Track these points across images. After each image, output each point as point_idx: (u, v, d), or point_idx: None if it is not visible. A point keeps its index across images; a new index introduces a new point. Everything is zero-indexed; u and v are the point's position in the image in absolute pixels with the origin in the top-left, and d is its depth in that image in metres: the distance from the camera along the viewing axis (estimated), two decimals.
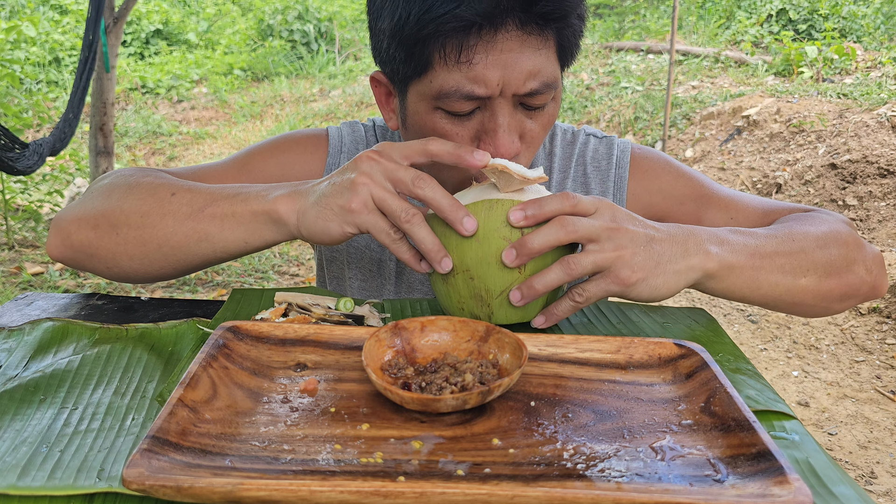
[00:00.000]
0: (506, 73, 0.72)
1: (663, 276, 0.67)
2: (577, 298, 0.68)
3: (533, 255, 0.65)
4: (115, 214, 0.77)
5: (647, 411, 0.57)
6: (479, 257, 0.66)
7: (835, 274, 0.78)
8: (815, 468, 0.53)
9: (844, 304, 0.82)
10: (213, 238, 0.73)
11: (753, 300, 0.76)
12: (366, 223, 0.66)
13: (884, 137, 3.99)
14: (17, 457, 0.50)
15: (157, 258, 0.76)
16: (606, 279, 0.66)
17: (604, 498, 0.44)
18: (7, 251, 3.77)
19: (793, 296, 0.76)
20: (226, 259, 0.77)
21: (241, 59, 8.11)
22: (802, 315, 0.83)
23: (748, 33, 6.58)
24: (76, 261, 0.81)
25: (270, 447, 0.50)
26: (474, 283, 0.68)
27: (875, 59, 5.38)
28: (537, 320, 0.70)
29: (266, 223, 0.71)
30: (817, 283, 0.77)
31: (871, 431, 2.33)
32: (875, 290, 0.83)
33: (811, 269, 0.76)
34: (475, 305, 0.69)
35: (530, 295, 0.66)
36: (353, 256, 0.97)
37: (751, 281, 0.73)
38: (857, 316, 3.02)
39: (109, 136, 3.93)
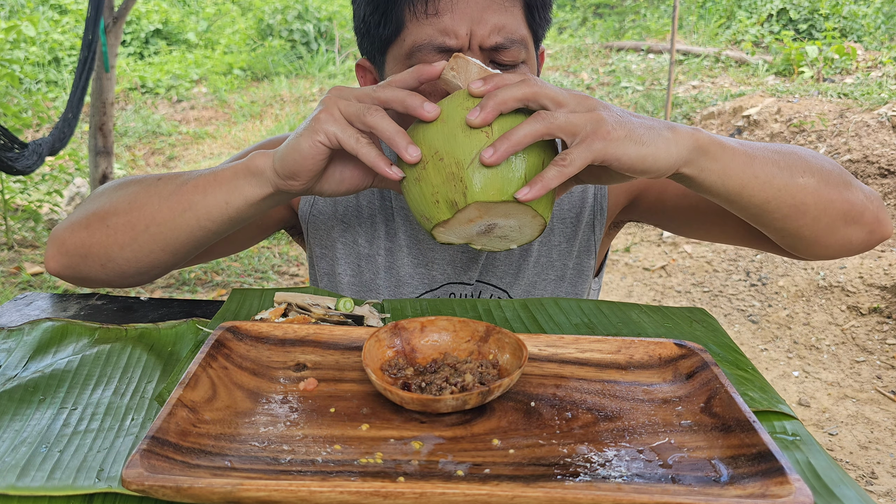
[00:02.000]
0: (473, 26, 0.76)
1: (649, 136, 0.63)
2: (562, 163, 0.62)
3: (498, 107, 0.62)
4: (104, 209, 0.78)
5: (648, 412, 0.56)
6: (444, 134, 0.64)
7: (834, 186, 0.73)
8: (815, 468, 0.53)
9: (850, 229, 0.75)
10: (196, 206, 0.73)
11: (752, 192, 0.70)
12: (332, 128, 0.66)
13: (884, 137, 3.98)
14: (16, 457, 0.50)
15: (146, 240, 0.75)
16: (587, 139, 0.61)
17: (604, 498, 0.44)
18: (6, 251, 3.77)
19: (793, 195, 0.71)
20: (213, 231, 0.75)
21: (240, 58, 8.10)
22: (803, 238, 0.75)
23: (749, 33, 6.58)
24: (72, 266, 0.80)
25: (270, 447, 0.50)
26: (444, 163, 0.64)
27: (876, 58, 5.38)
28: (522, 191, 0.63)
29: (245, 178, 0.72)
30: (817, 187, 0.72)
31: (871, 432, 2.32)
32: (880, 222, 0.77)
33: (808, 171, 0.72)
34: (449, 189, 0.64)
35: (503, 147, 0.61)
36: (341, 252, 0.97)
37: (746, 165, 0.68)
38: (858, 316, 3.02)
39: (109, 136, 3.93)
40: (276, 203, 0.74)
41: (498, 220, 0.65)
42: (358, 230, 0.95)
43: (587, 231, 0.94)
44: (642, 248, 3.84)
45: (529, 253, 0.93)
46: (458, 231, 0.66)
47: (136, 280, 0.81)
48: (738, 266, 3.51)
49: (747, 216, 0.74)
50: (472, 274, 0.93)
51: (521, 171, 0.64)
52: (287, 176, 0.69)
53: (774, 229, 0.75)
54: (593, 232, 0.94)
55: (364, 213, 0.95)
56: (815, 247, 0.77)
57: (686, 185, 0.70)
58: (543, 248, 0.94)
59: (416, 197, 0.67)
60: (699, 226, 0.91)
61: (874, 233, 0.78)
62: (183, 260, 0.80)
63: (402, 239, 0.94)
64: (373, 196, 0.95)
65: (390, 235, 0.94)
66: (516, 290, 0.94)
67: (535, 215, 0.64)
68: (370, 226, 0.95)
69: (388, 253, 0.95)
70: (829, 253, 0.78)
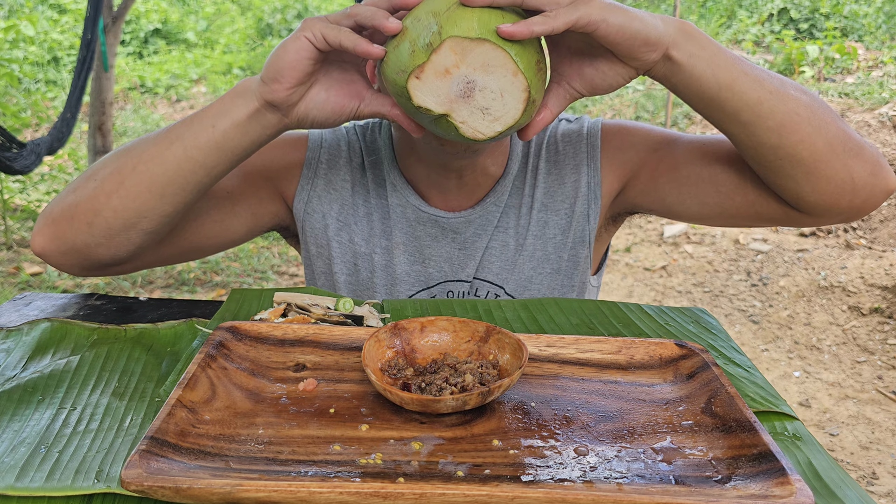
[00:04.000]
0: None
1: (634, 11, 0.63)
2: (548, 14, 0.61)
3: None
4: (92, 169, 0.78)
5: (648, 412, 0.56)
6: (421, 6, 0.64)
7: (827, 111, 0.70)
8: (816, 469, 0.53)
9: (851, 160, 0.70)
10: (183, 135, 0.73)
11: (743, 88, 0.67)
12: (316, 25, 0.67)
13: (885, 137, 3.98)
14: (15, 457, 0.50)
15: (134, 182, 0.74)
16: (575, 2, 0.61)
17: (604, 499, 0.43)
18: (5, 251, 3.77)
19: (785, 101, 0.68)
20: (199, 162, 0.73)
21: (240, 58, 8.10)
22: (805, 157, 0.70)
23: (749, 32, 6.58)
24: (58, 237, 0.76)
25: (269, 448, 0.50)
26: (421, 21, 0.62)
27: (876, 58, 5.37)
28: (505, 26, 0.60)
29: (231, 99, 0.72)
30: (809, 104, 0.69)
31: (872, 432, 2.32)
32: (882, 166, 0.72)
33: (799, 90, 0.70)
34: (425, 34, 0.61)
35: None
36: (336, 251, 0.97)
37: (735, 61, 0.67)
38: (859, 316, 3.02)
39: (108, 136, 3.93)
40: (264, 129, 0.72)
41: (478, 75, 0.61)
42: (353, 228, 0.95)
43: (581, 221, 0.94)
44: (643, 248, 3.84)
45: (524, 247, 0.93)
46: (435, 88, 0.62)
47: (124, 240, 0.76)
48: (738, 266, 3.51)
49: (739, 124, 0.70)
50: (469, 271, 0.93)
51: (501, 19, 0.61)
52: (272, 78, 0.68)
53: (769, 147, 0.70)
54: (588, 221, 0.94)
55: (360, 211, 0.95)
56: (815, 179, 0.71)
57: (675, 79, 0.68)
58: (539, 241, 0.94)
59: (393, 61, 0.64)
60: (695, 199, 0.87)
61: (877, 175, 0.72)
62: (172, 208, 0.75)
63: (398, 237, 0.94)
64: (368, 193, 0.95)
65: (386, 233, 0.94)
66: (512, 286, 0.94)
67: (516, 72, 0.61)
68: (366, 224, 0.95)
69: (384, 251, 0.95)
70: (831, 188, 0.71)
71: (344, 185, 0.95)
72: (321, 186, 0.95)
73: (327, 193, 0.95)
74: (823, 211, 0.75)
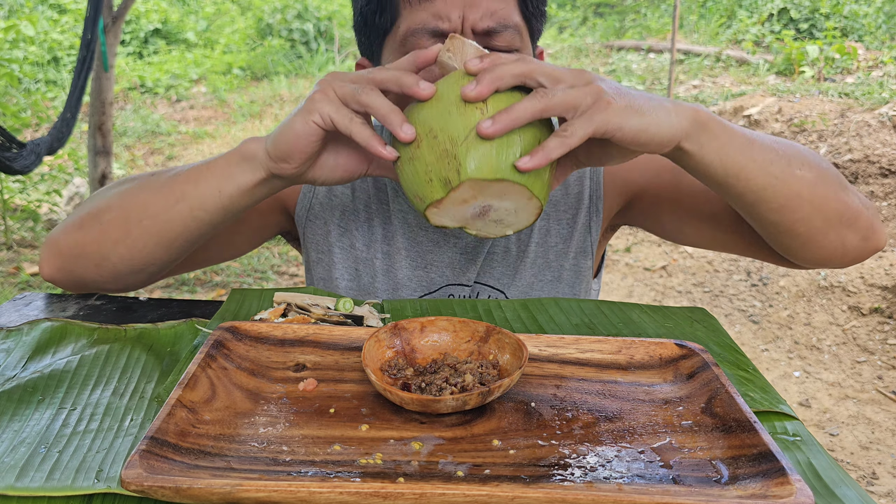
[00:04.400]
0: (466, 10, 0.78)
1: (650, 106, 0.62)
2: (564, 134, 0.61)
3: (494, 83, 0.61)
4: (98, 207, 0.78)
5: (648, 412, 0.56)
6: (438, 111, 0.62)
7: (830, 185, 0.72)
8: (816, 469, 0.53)
9: (844, 231, 0.74)
10: (189, 195, 0.73)
11: (748, 175, 0.68)
12: (326, 108, 0.65)
13: (885, 137, 3.98)
14: (15, 457, 0.50)
15: (140, 234, 0.75)
16: (589, 111, 0.60)
17: (604, 499, 0.43)
18: (5, 251, 3.77)
19: (788, 185, 0.69)
20: (205, 222, 0.74)
21: (240, 58, 8.10)
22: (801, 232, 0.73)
23: (749, 32, 6.58)
24: (66, 269, 0.80)
25: (269, 448, 0.50)
26: (438, 140, 0.62)
27: (876, 58, 5.37)
28: (522, 160, 0.61)
29: (237, 164, 0.71)
30: (814, 182, 0.71)
31: (872, 432, 2.32)
32: (874, 230, 0.77)
33: (806, 166, 0.71)
34: (442, 167, 0.62)
35: (503, 121, 0.59)
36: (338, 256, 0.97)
37: (745, 147, 0.67)
38: (859, 316, 3.02)
39: (108, 136, 3.93)
40: (270, 191, 0.73)
41: (493, 201, 0.63)
42: (355, 234, 0.95)
43: (583, 232, 0.94)
44: (643, 248, 3.84)
45: (527, 254, 0.93)
46: (452, 213, 0.64)
47: (131, 280, 0.80)
48: (738, 266, 3.51)
49: (743, 204, 0.72)
50: (469, 275, 0.93)
51: (518, 148, 0.61)
52: (279, 158, 0.68)
53: (769, 223, 0.73)
54: (589, 233, 0.94)
55: (361, 217, 0.95)
56: (809, 247, 0.76)
57: (684, 165, 0.69)
58: (540, 248, 0.94)
59: (409, 177, 0.65)
60: (694, 230, 0.90)
61: (868, 239, 0.77)
62: (178, 256, 0.79)
63: (399, 242, 0.94)
64: (370, 199, 0.95)
65: (388, 238, 0.94)
66: (513, 292, 0.94)
67: (530, 197, 0.63)
68: (367, 229, 0.95)
69: (385, 256, 0.95)
70: (823, 255, 0.77)
71: (345, 191, 0.95)
72: (322, 193, 0.95)
73: (328, 200, 0.95)
74: (813, 266, 0.81)
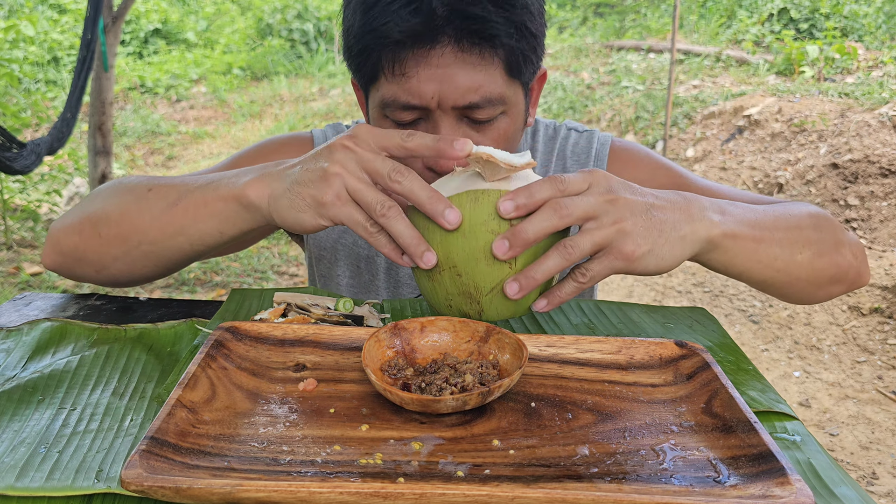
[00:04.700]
0: (442, 87, 0.74)
1: (668, 244, 0.63)
2: (581, 279, 0.63)
3: (527, 246, 0.61)
4: (96, 215, 0.77)
5: (648, 412, 0.56)
6: (465, 253, 0.62)
7: (826, 254, 0.77)
8: (816, 469, 0.53)
9: (833, 288, 0.81)
10: (188, 231, 0.70)
11: (752, 275, 0.73)
12: (339, 216, 0.62)
13: (885, 137, 3.98)
14: (15, 457, 0.50)
15: (138, 256, 0.75)
16: (610, 256, 0.62)
17: (604, 499, 0.43)
18: (5, 251, 3.77)
19: (789, 273, 0.74)
20: (207, 253, 0.74)
21: (240, 58, 8.10)
22: (790, 299, 0.81)
23: (749, 32, 6.57)
24: (66, 267, 0.80)
25: (269, 448, 0.50)
26: (462, 280, 0.63)
27: (876, 58, 5.37)
28: (538, 303, 0.65)
29: (237, 210, 0.68)
30: (811, 262, 0.75)
31: (872, 432, 2.32)
32: (860, 276, 0.83)
33: (806, 245, 0.75)
34: (464, 303, 0.65)
35: (528, 286, 0.61)
36: (341, 254, 0.97)
37: (752, 253, 0.70)
38: (859, 316, 3.02)
39: (108, 136, 3.93)
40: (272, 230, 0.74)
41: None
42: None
43: None
44: None
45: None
46: None
47: (131, 285, 0.82)
48: None
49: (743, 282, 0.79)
50: None
51: (535, 293, 0.65)
52: (284, 227, 0.67)
53: (766, 290, 0.79)
54: None
55: None
56: (800, 302, 0.84)
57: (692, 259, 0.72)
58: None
59: (427, 289, 0.67)
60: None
61: (853, 285, 0.84)
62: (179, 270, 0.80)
63: None
64: None
65: None
66: None
67: None
68: None
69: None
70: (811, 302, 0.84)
71: None
72: None
73: None
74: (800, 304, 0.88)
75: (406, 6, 0.72)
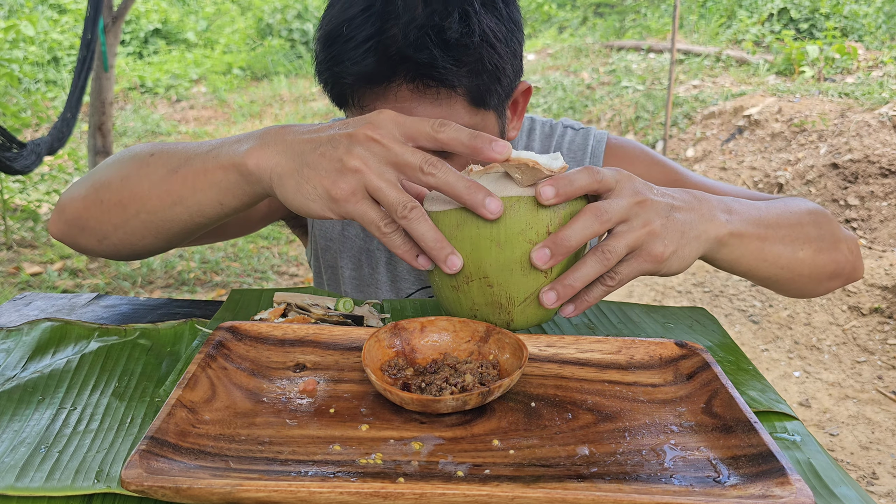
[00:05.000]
0: None
1: (688, 245, 0.64)
2: (610, 283, 0.63)
3: (569, 253, 0.59)
4: (99, 182, 0.75)
5: (648, 412, 0.56)
6: (500, 263, 0.60)
7: (826, 250, 0.79)
8: (816, 469, 0.53)
9: (832, 283, 0.83)
10: (187, 200, 0.67)
11: (757, 272, 0.74)
12: (352, 213, 0.59)
13: (885, 137, 3.98)
14: (15, 457, 0.50)
15: (138, 226, 0.72)
16: (639, 258, 0.62)
17: (604, 499, 0.43)
18: (5, 251, 3.77)
19: (792, 269, 0.76)
20: (209, 224, 0.71)
21: (240, 58, 8.10)
22: (791, 293, 0.83)
23: (749, 32, 6.57)
24: (71, 237, 0.79)
25: (269, 448, 0.50)
26: (493, 291, 0.61)
27: (877, 58, 5.37)
28: (566, 309, 0.64)
29: (237, 180, 0.64)
30: (813, 258, 0.77)
31: (872, 432, 2.32)
32: (856, 270, 0.85)
33: (807, 242, 0.76)
34: (491, 313, 0.63)
35: (566, 294, 0.61)
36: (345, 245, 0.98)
37: (757, 251, 0.71)
38: (859, 316, 3.02)
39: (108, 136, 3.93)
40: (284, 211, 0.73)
41: None
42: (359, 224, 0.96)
43: None
44: None
45: None
46: None
47: (135, 258, 0.79)
48: None
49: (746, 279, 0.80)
50: None
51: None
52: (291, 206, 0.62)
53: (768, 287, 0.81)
54: None
55: None
56: (800, 296, 0.86)
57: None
58: None
59: (450, 299, 0.64)
60: None
61: (849, 279, 0.86)
62: (180, 244, 0.77)
63: None
64: None
65: None
66: None
67: None
68: None
69: (387, 247, 0.96)
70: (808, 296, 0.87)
71: None
72: None
73: None
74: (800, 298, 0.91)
75: (360, 45, 0.72)
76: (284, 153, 0.61)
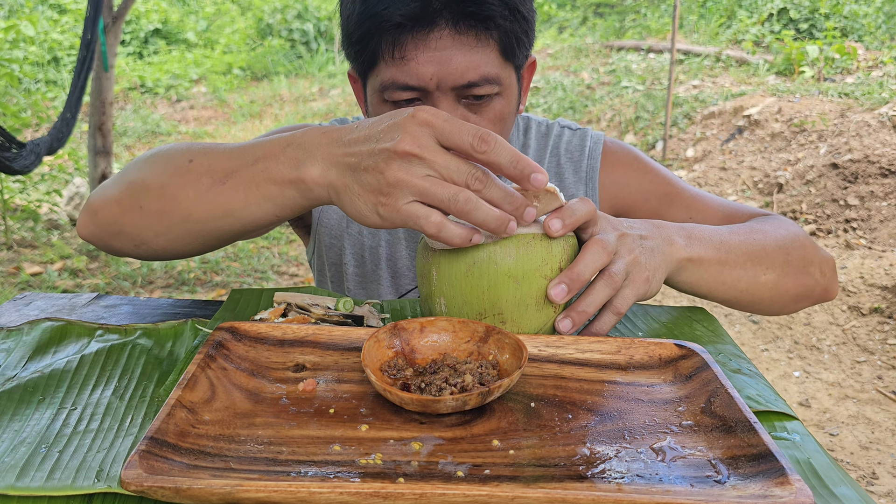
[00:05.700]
0: (440, 69, 0.77)
1: (659, 268, 0.69)
2: (622, 310, 0.67)
3: (583, 286, 0.64)
4: (136, 186, 0.72)
5: (648, 412, 0.56)
6: (517, 299, 0.62)
7: (792, 274, 0.81)
8: (816, 469, 0.53)
9: (799, 304, 0.85)
10: (238, 213, 0.67)
11: (717, 295, 0.78)
12: (406, 223, 0.59)
13: (885, 137, 3.98)
14: (15, 457, 0.50)
15: (182, 234, 0.71)
16: (633, 285, 0.67)
17: (604, 499, 0.43)
18: (5, 251, 3.77)
19: (752, 293, 0.79)
20: (259, 232, 0.75)
21: (240, 58, 8.10)
22: (757, 312, 0.85)
23: (749, 32, 6.58)
24: (103, 240, 0.77)
25: (269, 448, 0.50)
26: (506, 327, 0.64)
27: (876, 58, 5.37)
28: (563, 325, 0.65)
29: (294, 196, 0.64)
30: (776, 282, 0.80)
31: (872, 432, 2.32)
32: (827, 292, 0.87)
33: (771, 267, 0.79)
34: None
35: (581, 320, 0.65)
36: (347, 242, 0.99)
37: (716, 274, 0.75)
38: (859, 316, 3.02)
39: (108, 136, 3.93)
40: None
41: None
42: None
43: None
44: None
45: None
46: None
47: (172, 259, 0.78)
48: None
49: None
50: None
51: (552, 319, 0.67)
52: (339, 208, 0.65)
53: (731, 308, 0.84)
54: None
55: None
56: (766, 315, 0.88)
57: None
58: None
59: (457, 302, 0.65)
60: None
61: (819, 300, 0.88)
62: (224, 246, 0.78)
63: (400, 231, 0.96)
64: None
65: None
66: None
67: None
68: None
69: (387, 244, 0.97)
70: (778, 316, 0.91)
71: None
72: None
73: None
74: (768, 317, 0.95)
75: None
76: (334, 167, 0.61)
